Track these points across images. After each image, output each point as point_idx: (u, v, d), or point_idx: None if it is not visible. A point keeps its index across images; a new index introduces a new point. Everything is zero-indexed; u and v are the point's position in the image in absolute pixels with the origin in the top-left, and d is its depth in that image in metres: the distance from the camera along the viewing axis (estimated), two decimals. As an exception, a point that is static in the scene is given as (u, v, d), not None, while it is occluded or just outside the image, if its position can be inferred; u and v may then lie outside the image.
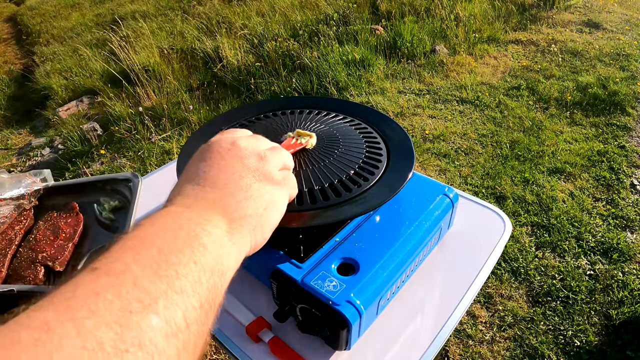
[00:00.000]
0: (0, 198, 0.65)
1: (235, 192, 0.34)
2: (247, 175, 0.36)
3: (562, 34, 4.06)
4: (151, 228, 0.29)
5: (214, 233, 0.30)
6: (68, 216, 0.66)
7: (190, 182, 0.35)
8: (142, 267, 0.25)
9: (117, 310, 0.22)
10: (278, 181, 0.38)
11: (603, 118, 2.84)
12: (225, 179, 0.35)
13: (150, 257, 0.26)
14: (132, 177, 0.68)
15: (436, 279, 0.71)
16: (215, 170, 0.35)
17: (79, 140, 3.12)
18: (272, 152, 0.39)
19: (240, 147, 0.37)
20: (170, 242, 0.27)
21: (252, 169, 0.36)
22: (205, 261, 0.28)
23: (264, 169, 0.37)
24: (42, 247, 0.61)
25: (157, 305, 0.23)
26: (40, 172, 0.71)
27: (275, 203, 0.37)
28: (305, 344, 0.61)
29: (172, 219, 0.30)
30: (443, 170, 2.42)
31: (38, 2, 7.77)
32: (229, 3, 5.17)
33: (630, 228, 2.01)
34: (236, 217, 0.33)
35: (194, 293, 0.26)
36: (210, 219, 0.31)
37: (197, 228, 0.30)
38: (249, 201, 0.35)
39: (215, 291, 0.28)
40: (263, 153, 0.38)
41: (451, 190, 0.71)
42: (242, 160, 0.36)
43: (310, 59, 3.47)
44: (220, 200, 0.33)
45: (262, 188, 0.36)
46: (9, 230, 0.63)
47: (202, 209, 0.32)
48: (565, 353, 1.52)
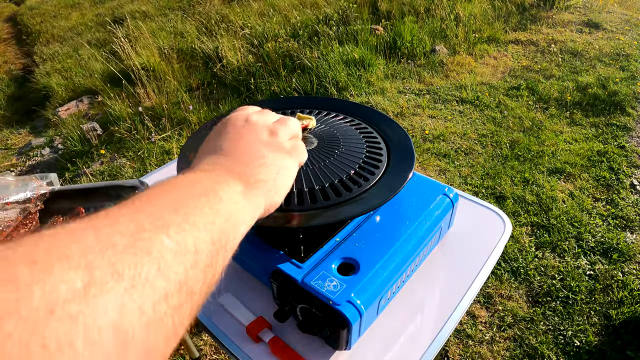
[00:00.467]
0: (6, 202, 0.65)
1: (250, 160, 0.38)
2: (260, 146, 0.39)
3: (562, 34, 4.06)
4: (171, 182, 0.31)
5: (229, 191, 0.33)
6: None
7: (207, 154, 0.38)
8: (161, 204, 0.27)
9: (132, 228, 0.24)
10: (288, 150, 0.42)
11: (603, 118, 2.84)
12: (241, 149, 0.38)
13: (169, 200, 0.28)
14: (139, 185, 0.68)
15: (436, 279, 0.71)
16: (231, 143, 0.39)
17: (79, 140, 3.12)
18: (281, 124, 0.43)
19: (253, 122, 0.41)
20: (188, 191, 0.30)
21: (264, 141, 0.40)
22: (220, 208, 0.30)
23: (275, 141, 0.41)
24: None
25: (169, 229, 0.25)
26: (47, 176, 0.71)
27: (286, 168, 0.40)
28: (306, 344, 0.61)
29: (191, 178, 0.33)
30: (443, 170, 2.42)
31: (38, 2, 7.77)
32: (229, 3, 5.17)
33: (630, 228, 2.01)
34: (252, 181, 0.36)
35: (206, 230, 0.28)
36: (227, 180, 0.34)
37: (214, 185, 0.32)
38: (263, 167, 0.38)
39: (227, 235, 0.30)
40: (273, 126, 0.42)
41: (451, 190, 0.71)
42: (255, 133, 0.40)
43: (310, 59, 3.47)
44: (236, 167, 0.36)
45: (275, 156, 0.40)
46: (14, 233, 0.63)
47: (220, 173, 0.35)
48: (565, 353, 1.52)
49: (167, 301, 0.23)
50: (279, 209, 0.57)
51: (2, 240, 0.61)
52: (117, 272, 0.21)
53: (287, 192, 0.41)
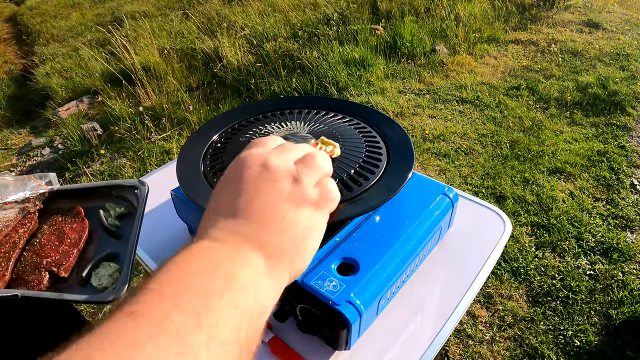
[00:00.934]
0: (5, 201, 0.65)
1: (270, 225, 0.32)
2: (280, 203, 0.33)
3: (562, 34, 4.06)
4: (188, 267, 0.28)
5: (251, 273, 0.30)
6: (73, 221, 0.65)
7: (222, 214, 0.33)
8: (182, 314, 0.24)
9: None
10: (315, 202, 0.35)
11: (603, 118, 2.84)
12: (259, 210, 0.33)
13: (190, 303, 0.25)
14: (138, 184, 0.68)
15: (436, 279, 0.71)
16: (247, 200, 0.33)
17: (79, 140, 3.12)
18: (305, 166, 0.36)
19: (272, 169, 0.34)
20: (209, 284, 0.27)
21: (285, 195, 0.34)
22: (246, 305, 0.27)
23: (299, 192, 0.34)
24: (46, 252, 0.60)
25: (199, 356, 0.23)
26: (46, 176, 0.71)
27: (313, 228, 0.35)
28: (305, 344, 0.61)
29: (208, 257, 0.29)
30: (443, 170, 2.42)
31: (38, 2, 7.77)
32: (229, 3, 5.17)
33: (630, 228, 2.01)
34: (273, 252, 0.32)
35: (235, 342, 0.26)
36: (247, 256, 0.30)
37: (234, 268, 0.29)
38: (285, 233, 0.33)
39: (254, 337, 0.28)
40: (296, 171, 0.35)
41: (451, 190, 0.71)
42: (275, 185, 0.34)
43: (310, 59, 3.47)
44: (254, 235, 0.32)
45: (298, 215, 0.34)
46: (13, 233, 0.62)
47: (237, 244, 0.31)
48: (565, 353, 1.52)
49: None
50: None
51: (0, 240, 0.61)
52: None
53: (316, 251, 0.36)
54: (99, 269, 0.58)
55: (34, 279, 0.57)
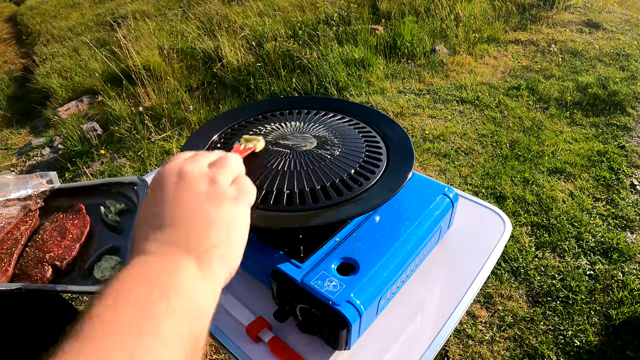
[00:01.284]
0: (8, 198, 0.66)
1: (195, 227, 0.34)
2: (201, 205, 0.35)
3: (562, 34, 4.06)
4: (126, 284, 0.30)
5: (186, 277, 0.31)
6: (74, 217, 0.66)
7: (150, 226, 0.35)
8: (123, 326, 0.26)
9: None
10: (233, 197, 0.37)
11: (603, 118, 2.84)
12: (182, 215, 0.35)
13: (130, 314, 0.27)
14: (138, 181, 0.69)
15: (436, 279, 0.71)
16: (170, 209, 0.35)
17: (79, 140, 3.12)
18: (218, 167, 0.39)
19: (187, 175, 0.36)
20: (146, 295, 0.29)
21: (204, 195, 0.36)
22: (183, 307, 0.29)
23: (216, 191, 0.36)
24: (49, 247, 0.61)
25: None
26: (47, 174, 0.72)
27: (236, 222, 0.37)
28: (305, 344, 0.61)
29: (144, 272, 0.31)
30: (443, 170, 2.42)
31: (38, 2, 7.77)
32: (229, 3, 5.17)
33: (630, 228, 2.01)
34: (202, 252, 0.33)
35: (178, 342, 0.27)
36: (179, 263, 0.32)
37: (168, 276, 0.31)
38: (210, 230, 0.34)
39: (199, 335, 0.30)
40: (211, 172, 0.38)
41: (451, 190, 0.71)
42: (192, 189, 0.36)
43: (310, 59, 3.47)
44: (182, 241, 0.33)
45: (219, 212, 0.36)
46: (15, 230, 0.63)
47: (169, 254, 0.33)
48: (565, 353, 1.52)
49: None
50: (278, 209, 0.57)
51: (2, 237, 0.61)
52: None
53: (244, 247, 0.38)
54: (101, 262, 0.60)
55: (37, 273, 0.58)
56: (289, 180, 0.60)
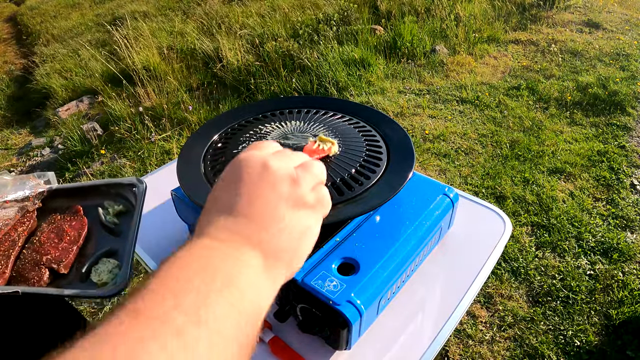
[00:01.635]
0: (5, 200, 0.65)
1: (269, 225, 0.33)
2: (280, 204, 0.34)
3: (562, 34, 4.06)
4: (188, 266, 0.29)
5: (250, 273, 0.30)
6: (72, 219, 0.65)
7: (222, 212, 0.34)
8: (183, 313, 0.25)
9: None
10: (312, 205, 0.37)
11: (603, 118, 2.84)
12: (259, 210, 0.34)
13: (190, 302, 0.26)
14: (137, 183, 0.68)
15: (436, 279, 0.71)
16: (247, 199, 0.34)
17: (79, 140, 3.12)
18: (304, 171, 0.37)
19: (272, 171, 0.35)
20: (208, 283, 0.28)
21: (285, 196, 0.35)
22: (243, 305, 0.28)
23: (297, 194, 0.35)
24: (46, 249, 0.60)
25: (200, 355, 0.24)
26: (44, 175, 0.71)
27: (310, 230, 0.36)
28: (306, 344, 0.61)
29: (208, 256, 0.30)
30: (443, 170, 2.42)
31: (38, 2, 7.77)
32: (229, 3, 5.17)
33: (630, 228, 2.01)
34: (271, 252, 0.33)
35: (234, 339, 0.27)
36: (246, 256, 0.31)
37: (233, 268, 0.30)
38: (283, 233, 0.34)
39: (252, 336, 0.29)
40: (295, 174, 0.36)
41: (451, 190, 0.71)
42: (275, 186, 0.35)
43: (310, 59, 3.47)
44: (254, 235, 0.33)
45: (296, 216, 0.35)
46: (12, 231, 0.62)
47: (237, 244, 0.32)
48: (565, 353, 1.52)
49: None
50: None
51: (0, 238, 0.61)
52: None
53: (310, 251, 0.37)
54: (99, 265, 0.59)
55: (34, 275, 0.57)
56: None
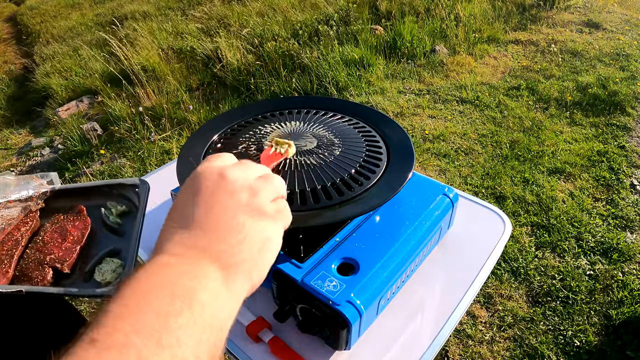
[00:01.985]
0: (9, 200, 0.65)
1: (227, 235, 0.32)
2: (238, 213, 0.33)
3: (562, 34, 4.06)
4: (146, 286, 0.28)
5: (210, 286, 0.29)
6: (75, 219, 0.66)
7: (178, 227, 0.33)
8: (142, 337, 0.24)
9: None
10: (271, 215, 0.35)
11: (603, 118, 2.84)
12: (216, 220, 0.32)
13: (149, 325, 0.25)
14: (139, 183, 0.68)
15: (436, 279, 0.71)
16: (203, 210, 0.33)
17: (79, 140, 3.12)
18: (263, 182, 0.36)
19: (230, 180, 0.34)
20: (168, 303, 0.27)
21: (243, 205, 0.33)
22: (204, 320, 0.27)
23: (256, 204, 0.34)
24: (50, 249, 0.61)
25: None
26: (47, 175, 0.72)
27: (270, 241, 0.35)
28: (305, 344, 0.61)
29: (165, 274, 0.29)
30: (443, 170, 2.42)
31: (38, 2, 7.77)
32: (229, 3, 5.17)
33: (630, 228, 2.01)
34: (231, 264, 0.31)
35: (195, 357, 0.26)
36: (205, 270, 0.30)
37: (192, 283, 0.29)
38: (243, 244, 0.32)
39: (215, 349, 0.28)
40: (254, 184, 0.35)
41: (451, 190, 0.71)
42: (233, 195, 0.34)
43: (310, 59, 3.47)
44: (211, 247, 0.31)
45: (256, 226, 0.34)
46: (15, 231, 0.63)
47: (194, 258, 0.30)
48: (565, 353, 1.52)
49: None
50: None
51: (2, 238, 0.61)
52: None
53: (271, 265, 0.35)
54: (102, 265, 0.59)
55: (37, 275, 0.57)
56: (290, 180, 0.60)
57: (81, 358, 0.22)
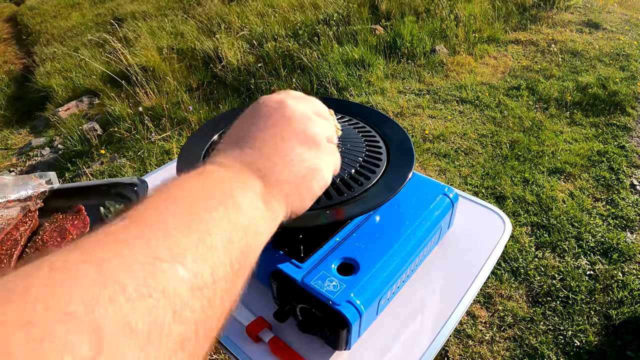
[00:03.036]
0: (8, 200, 0.66)
1: (273, 155, 0.33)
2: (289, 137, 0.34)
3: (562, 34, 4.06)
4: (188, 183, 0.29)
5: (248, 195, 0.30)
6: (74, 218, 0.66)
7: (230, 142, 0.34)
8: (174, 218, 0.24)
9: (143, 257, 0.21)
10: (323, 147, 0.35)
11: (603, 118, 2.84)
12: (267, 140, 0.33)
13: (184, 210, 0.25)
14: (138, 182, 0.68)
15: (436, 279, 0.71)
16: (256, 130, 0.34)
17: (79, 140, 3.12)
18: (322, 119, 0.37)
19: (288, 107, 0.35)
20: (205, 198, 0.27)
21: (296, 131, 0.34)
22: (239, 221, 0.27)
23: (310, 132, 0.35)
24: (49, 248, 0.61)
25: (186, 257, 0.23)
26: (46, 174, 0.72)
27: (317, 171, 0.35)
28: (305, 344, 0.61)
29: (208, 177, 0.30)
30: (443, 170, 2.42)
31: (38, 2, 7.77)
32: (229, 3, 5.17)
33: (630, 228, 2.01)
34: (272, 182, 0.32)
35: (225, 251, 0.25)
36: (245, 180, 0.31)
37: (232, 187, 0.29)
38: (287, 165, 0.33)
39: (247, 251, 0.28)
40: (313, 118, 0.36)
41: (451, 190, 0.71)
42: (289, 121, 0.34)
43: (310, 59, 3.47)
44: (255, 162, 0.32)
45: (305, 153, 0.34)
46: (14, 231, 0.63)
47: (238, 169, 0.31)
48: (565, 353, 1.52)
49: (183, 348, 0.21)
50: None
51: (1, 238, 0.61)
52: (130, 326, 0.18)
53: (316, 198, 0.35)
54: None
55: None
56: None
57: (111, 228, 0.23)
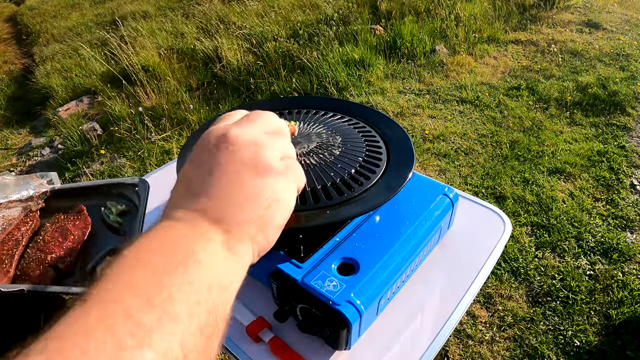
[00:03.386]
0: (10, 200, 0.66)
1: (227, 197, 0.30)
2: (239, 172, 0.31)
3: (562, 34, 4.06)
4: (148, 246, 0.27)
5: (209, 248, 0.28)
6: (76, 218, 0.66)
7: (181, 191, 0.32)
8: (134, 293, 0.24)
9: (109, 349, 0.21)
10: (279, 171, 0.33)
11: (603, 118, 2.84)
12: (215, 181, 0.31)
13: (144, 279, 0.25)
14: (139, 182, 0.68)
15: (436, 279, 0.71)
16: (204, 173, 0.31)
17: (79, 140, 3.12)
18: (271, 138, 0.34)
19: (231, 138, 0.32)
20: (164, 262, 0.26)
21: (245, 163, 0.31)
22: (202, 279, 0.26)
23: (261, 159, 0.32)
24: (50, 248, 0.61)
25: (152, 338, 0.22)
26: (47, 175, 0.72)
27: (278, 200, 0.32)
28: (305, 344, 0.61)
29: (165, 236, 0.28)
30: (443, 170, 2.42)
31: (38, 2, 7.77)
32: (229, 3, 5.17)
33: (630, 228, 2.01)
34: (233, 226, 0.30)
35: (191, 317, 0.24)
36: (204, 232, 0.29)
37: (191, 243, 0.28)
38: (245, 204, 0.30)
39: (215, 310, 0.26)
40: (260, 140, 0.33)
41: (451, 190, 0.71)
42: (234, 154, 0.32)
43: (310, 59, 3.47)
44: (211, 210, 0.30)
45: (261, 184, 0.31)
46: (15, 231, 0.63)
47: (196, 221, 0.30)
48: (565, 353, 1.52)
49: None
50: None
51: (3, 238, 0.61)
52: None
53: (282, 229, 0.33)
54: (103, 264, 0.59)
55: (38, 274, 0.57)
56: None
57: (73, 318, 0.22)
